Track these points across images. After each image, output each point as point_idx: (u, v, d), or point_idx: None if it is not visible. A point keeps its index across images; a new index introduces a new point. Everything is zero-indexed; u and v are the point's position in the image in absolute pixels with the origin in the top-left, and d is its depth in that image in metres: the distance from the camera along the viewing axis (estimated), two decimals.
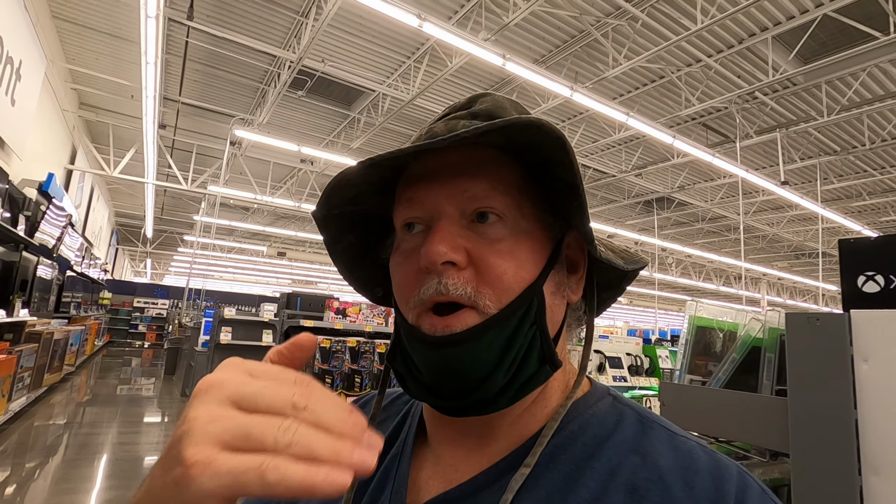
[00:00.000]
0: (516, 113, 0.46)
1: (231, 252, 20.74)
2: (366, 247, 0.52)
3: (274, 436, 0.27)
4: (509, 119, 0.36)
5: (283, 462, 0.27)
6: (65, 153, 8.58)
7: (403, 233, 0.45)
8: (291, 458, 0.27)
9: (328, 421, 0.29)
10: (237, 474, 0.26)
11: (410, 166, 0.45)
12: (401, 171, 0.46)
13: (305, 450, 0.27)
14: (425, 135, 0.44)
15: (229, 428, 0.28)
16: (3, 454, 4.58)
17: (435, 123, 0.46)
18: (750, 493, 0.37)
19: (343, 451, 0.28)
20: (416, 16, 4.61)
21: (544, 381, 0.43)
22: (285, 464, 0.27)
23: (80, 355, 9.72)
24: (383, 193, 0.47)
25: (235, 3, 5.90)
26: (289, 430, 0.28)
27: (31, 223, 5.91)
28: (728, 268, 18.58)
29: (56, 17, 6.51)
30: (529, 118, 0.36)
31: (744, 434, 0.85)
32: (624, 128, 7.71)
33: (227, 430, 0.28)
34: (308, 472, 0.27)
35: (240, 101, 8.54)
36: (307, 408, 0.29)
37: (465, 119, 0.44)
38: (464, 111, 0.45)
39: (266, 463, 0.27)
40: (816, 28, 5.48)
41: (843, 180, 9.79)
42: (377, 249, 0.53)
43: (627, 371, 4.88)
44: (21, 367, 5.52)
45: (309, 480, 0.26)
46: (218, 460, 0.27)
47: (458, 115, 0.44)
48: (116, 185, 13.28)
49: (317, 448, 0.28)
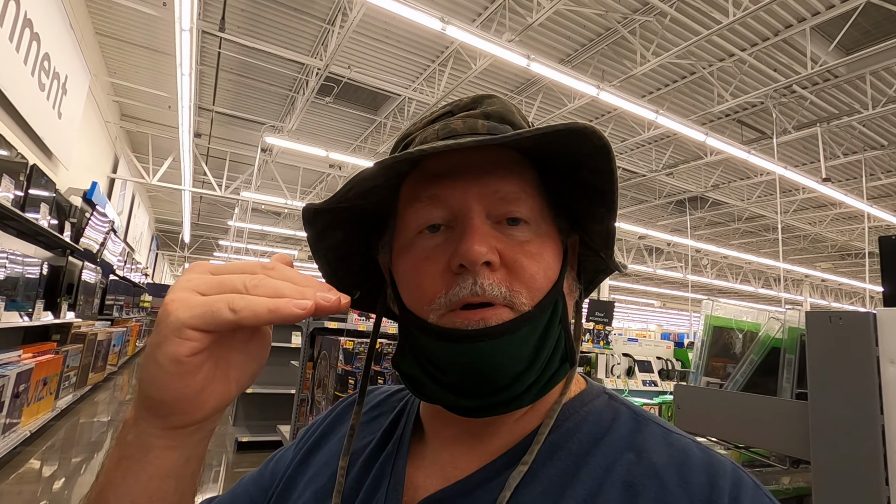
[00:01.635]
0: (521, 118, 0.46)
1: (264, 256, 21.30)
2: (353, 245, 0.51)
3: (243, 281, 0.32)
4: (566, 125, 0.36)
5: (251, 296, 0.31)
6: (107, 162, 9.00)
7: (419, 231, 0.43)
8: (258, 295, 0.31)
9: (293, 276, 0.34)
10: (208, 304, 0.31)
11: (427, 162, 0.44)
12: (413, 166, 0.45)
13: (271, 289, 0.32)
14: (441, 130, 0.44)
15: (205, 280, 0.33)
16: (51, 449, 4.83)
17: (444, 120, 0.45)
18: (744, 489, 0.37)
19: (307, 291, 0.32)
20: (440, 19, 4.64)
21: (562, 378, 0.43)
22: (252, 297, 0.31)
23: (122, 356, 10.15)
24: (391, 188, 0.46)
25: (264, 13, 6.08)
26: (256, 278, 0.32)
27: (77, 229, 6.21)
28: (767, 269, 17.85)
29: (99, 33, 6.86)
30: (584, 126, 0.36)
31: (762, 440, 0.81)
32: (653, 126, 7.52)
33: (203, 283, 0.33)
34: (272, 300, 0.31)
35: (270, 108, 8.78)
36: (275, 269, 0.34)
37: (480, 119, 0.44)
38: (473, 111, 0.45)
39: (234, 296, 0.31)
40: (859, 16, 5.21)
41: (890, 176, 9.27)
42: (362, 248, 0.52)
43: (658, 375, 4.75)
44: (67, 367, 5.81)
45: (273, 304, 0.31)
46: (193, 297, 0.32)
47: (471, 115, 0.45)
48: (156, 192, 13.84)
49: (281, 288, 0.32)
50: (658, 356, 4.94)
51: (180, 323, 0.30)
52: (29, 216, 4.34)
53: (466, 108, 0.46)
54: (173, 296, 0.32)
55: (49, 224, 4.95)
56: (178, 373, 0.31)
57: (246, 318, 0.30)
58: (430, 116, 0.48)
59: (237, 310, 0.30)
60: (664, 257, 16.77)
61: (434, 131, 0.44)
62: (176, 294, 0.32)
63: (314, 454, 0.54)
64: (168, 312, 0.31)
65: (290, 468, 0.54)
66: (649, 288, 21.71)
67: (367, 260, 0.53)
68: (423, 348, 0.42)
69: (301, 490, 0.50)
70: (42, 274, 5.03)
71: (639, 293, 23.95)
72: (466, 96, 0.47)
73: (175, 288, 0.33)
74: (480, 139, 0.37)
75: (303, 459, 0.54)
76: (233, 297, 0.31)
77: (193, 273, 0.34)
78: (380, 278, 0.54)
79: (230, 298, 0.31)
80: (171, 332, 0.31)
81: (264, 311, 0.30)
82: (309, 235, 0.48)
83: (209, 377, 0.33)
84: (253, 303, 0.30)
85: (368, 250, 0.52)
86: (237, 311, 0.30)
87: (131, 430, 0.35)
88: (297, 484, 0.52)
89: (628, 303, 26.49)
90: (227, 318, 0.30)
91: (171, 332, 0.31)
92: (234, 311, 0.30)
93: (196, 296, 0.31)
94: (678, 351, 5.15)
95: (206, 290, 0.32)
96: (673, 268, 17.14)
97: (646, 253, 16.26)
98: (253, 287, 0.32)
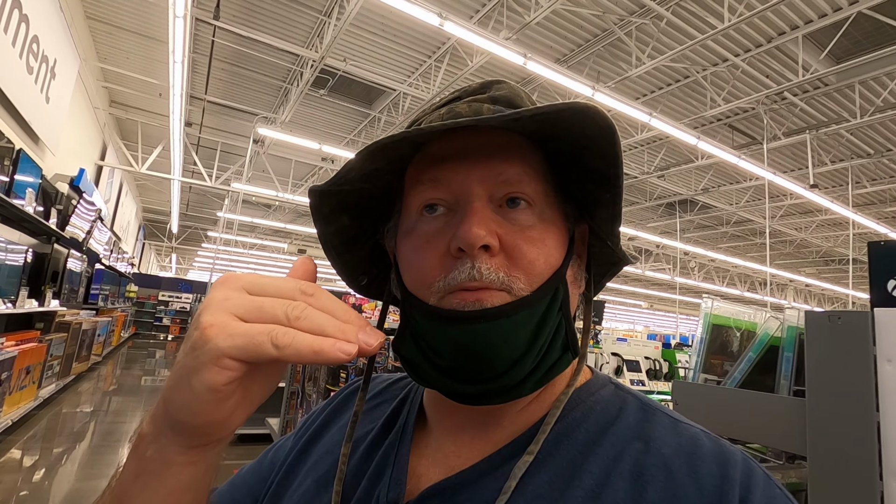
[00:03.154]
0: (530, 103, 0.45)
1: (253, 248, 21.11)
2: (357, 230, 0.50)
3: (284, 311, 0.30)
4: (568, 103, 0.35)
5: (294, 330, 0.30)
6: (95, 149, 8.85)
7: (420, 214, 0.43)
8: (301, 329, 0.30)
9: (333, 308, 0.32)
10: (251, 335, 0.29)
11: (430, 145, 0.43)
12: (417, 150, 0.44)
13: (314, 324, 0.30)
14: (446, 114, 0.43)
15: (244, 304, 0.31)
16: (33, 439, 4.75)
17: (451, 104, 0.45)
18: (755, 479, 0.37)
19: (348, 329, 0.31)
20: (438, 15, 4.62)
21: (564, 368, 0.43)
22: (295, 331, 0.30)
23: (106, 346, 10.02)
24: (396, 172, 0.46)
25: (260, 2, 6.01)
26: (297, 308, 0.31)
27: (63, 216, 6.11)
28: (753, 273, 18.12)
29: (90, 17, 6.73)
30: (586, 105, 0.35)
31: (760, 435, 0.83)
32: (646, 128, 7.58)
33: (241, 306, 0.31)
34: (316, 339, 0.29)
35: (263, 99, 8.69)
36: (314, 295, 0.32)
37: (487, 103, 0.43)
38: (481, 95, 0.45)
39: (278, 329, 0.30)
40: (850, 26, 5.30)
41: (876, 184, 9.45)
42: (369, 233, 0.52)
43: (646, 375, 4.80)
44: (50, 356, 5.72)
45: (318, 345, 0.29)
46: (233, 324, 0.30)
47: (477, 99, 0.44)
48: (144, 181, 13.64)
49: (324, 325, 0.31)
50: (646, 356, 4.99)
51: (220, 352, 0.29)
52: (14, 202, 4.26)
53: (475, 92, 0.46)
54: (212, 319, 0.30)
55: (35, 210, 4.86)
56: (213, 400, 0.30)
57: (289, 356, 0.29)
58: (439, 102, 0.47)
59: (281, 346, 0.29)
60: (653, 259, 16.94)
61: (440, 115, 0.44)
62: (215, 317, 0.30)
63: (315, 443, 0.54)
64: (207, 339, 0.29)
65: (289, 457, 0.53)
66: (637, 289, 21.93)
67: (374, 246, 0.53)
68: (422, 331, 0.42)
69: (301, 478, 0.50)
70: (27, 261, 4.94)
71: (626, 294, 24.17)
72: (475, 82, 0.47)
73: (211, 308, 0.31)
74: (477, 119, 0.36)
75: (303, 448, 0.54)
76: (276, 330, 0.29)
77: (229, 290, 0.32)
78: (386, 264, 0.53)
79: (274, 332, 0.29)
80: (209, 359, 0.29)
81: (308, 352, 0.29)
82: (316, 220, 0.47)
83: (239, 402, 0.32)
84: (298, 341, 0.29)
85: (375, 235, 0.52)
86: (281, 347, 0.29)
87: (150, 446, 0.34)
88: (298, 472, 0.51)
89: (616, 303, 26.72)
90: (270, 353, 0.29)
91: (210, 360, 0.29)
92: (277, 348, 0.29)
93: (235, 321, 0.30)
94: (666, 351, 5.21)
95: (245, 315, 0.30)
96: (661, 269, 17.33)
97: (635, 254, 16.40)
98: (295, 319, 0.30)
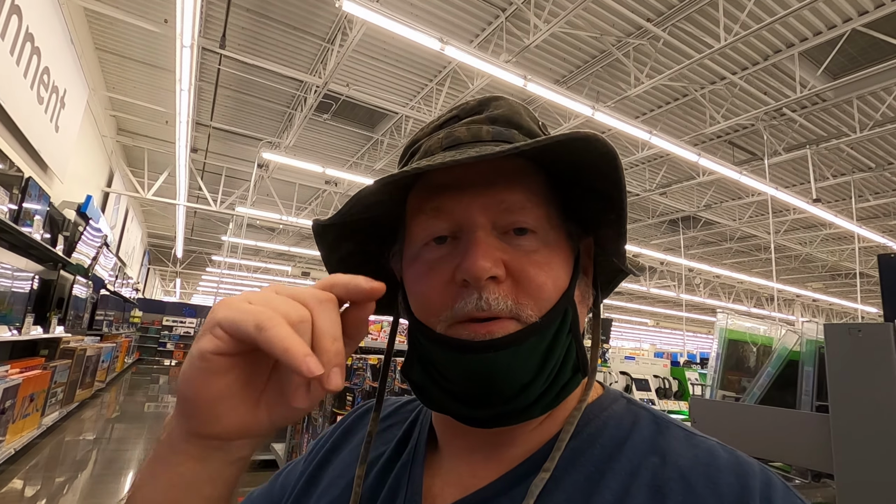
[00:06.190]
0: (529, 119, 0.46)
1: (257, 272, 21.16)
2: (363, 256, 0.51)
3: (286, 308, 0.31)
4: (567, 134, 0.35)
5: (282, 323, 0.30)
6: (102, 176, 8.97)
7: (425, 244, 0.43)
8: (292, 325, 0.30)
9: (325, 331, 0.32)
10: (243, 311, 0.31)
11: (431, 174, 0.43)
12: (417, 177, 0.44)
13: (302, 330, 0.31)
14: (445, 138, 0.43)
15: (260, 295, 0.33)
16: (35, 468, 4.68)
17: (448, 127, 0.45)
18: (775, 490, 0.36)
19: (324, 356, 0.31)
20: (439, 40, 4.72)
21: (575, 388, 0.43)
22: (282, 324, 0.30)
23: (110, 372, 9.96)
24: (398, 200, 0.46)
25: (265, 31, 6.15)
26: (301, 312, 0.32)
27: (70, 243, 6.15)
28: (759, 288, 17.99)
29: (99, 48, 6.90)
30: (586, 134, 0.35)
31: (783, 453, 0.80)
32: (647, 146, 7.63)
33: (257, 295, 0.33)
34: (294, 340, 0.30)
35: (268, 124, 8.82)
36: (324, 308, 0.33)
37: (485, 124, 0.43)
38: (479, 115, 0.45)
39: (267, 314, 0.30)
40: (845, 43, 5.38)
41: (879, 197, 9.45)
42: (375, 255, 0.52)
43: (655, 394, 4.73)
44: (54, 383, 5.68)
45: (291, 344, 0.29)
46: (238, 303, 0.32)
47: (475, 120, 0.44)
48: (150, 206, 13.77)
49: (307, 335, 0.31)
50: (655, 374, 4.92)
51: (215, 321, 0.32)
52: (22, 229, 4.29)
53: (472, 112, 0.45)
54: (230, 299, 0.33)
55: (42, 237, 4.90)
56: (202, 368, 0.32)
57: (262, 341, 0.29)
58: (437, 121, 0.47)
59: (260, 329, 0.30)
60: (657, 276, 16.87)
61: (438, 140, 0.44)
62: (232, 298, 0.33)
63: (325, 467, 0.53)
64: (213, 311, 0.33)
65: (300, 481, 0.53)
66: (643, 307, 21.77)
67: (381, 267, 0.52)
68: (431, 357, 0.42)
69: (314, 502, 0.49)
70: (33, 288, 4.96)
71: (632, 312, 23.99)
72: (473, 99, 0.47)
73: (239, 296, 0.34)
74: (479, 154, 0.36)
75: (314, 472, 0.53)
76: (264, 314, 0.30)
77: (265, 290, 0.34)
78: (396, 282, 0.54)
79: (262, 316, 0.30)
80: (208, 327, 0.32)
81: (279, 346, 0.29)
82: (321, 249, 0.48)
83: (232, 389, 0.33)
84: (276, 332, 0.29)
85: (380, 258, 0.52)
86: (260, 329, 0.30)
87: (165, 430, 0.37)
88: (310, 497, 0.50)
89: (621, 321, 26.51)
90: (248, 331, 0.30)
91: (208, 327, 0.32)
92: (257, 329, 0.30)
93: (244, 303, 0.32)
94: (675, 369, 5.14)
95: (254, 301, 0.32)
96: (666, 287, 17.23)
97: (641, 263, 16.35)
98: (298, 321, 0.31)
